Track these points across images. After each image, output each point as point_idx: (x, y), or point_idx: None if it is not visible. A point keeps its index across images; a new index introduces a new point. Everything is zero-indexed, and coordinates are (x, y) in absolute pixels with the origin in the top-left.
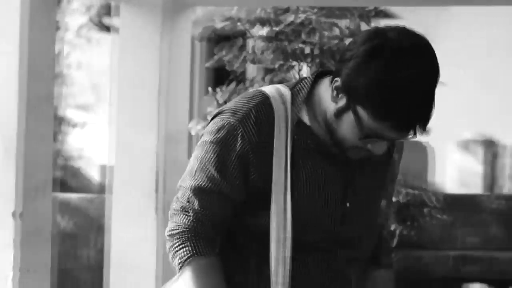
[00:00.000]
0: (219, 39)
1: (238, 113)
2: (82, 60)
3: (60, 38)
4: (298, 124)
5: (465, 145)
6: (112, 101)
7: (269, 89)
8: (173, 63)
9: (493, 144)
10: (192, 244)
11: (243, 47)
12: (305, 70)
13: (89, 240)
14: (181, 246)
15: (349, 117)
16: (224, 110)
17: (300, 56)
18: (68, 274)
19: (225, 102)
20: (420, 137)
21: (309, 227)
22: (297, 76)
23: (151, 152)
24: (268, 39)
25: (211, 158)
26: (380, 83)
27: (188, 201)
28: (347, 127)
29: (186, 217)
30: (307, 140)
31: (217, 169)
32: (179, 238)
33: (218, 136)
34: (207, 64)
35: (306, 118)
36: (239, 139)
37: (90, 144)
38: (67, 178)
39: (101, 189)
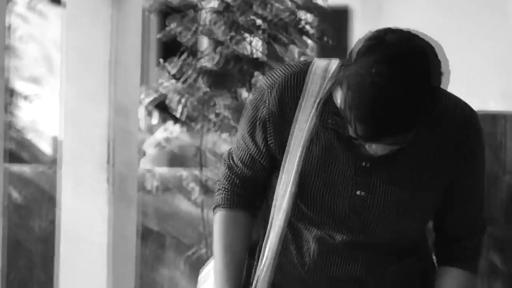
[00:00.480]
0: (171, 11)
1: (271, 78)
2: (34, 33)
3: (10, 11)
4: (326, 102)
5: None
6: (62, 73)
7: (320, 62)
8: (124, 35)
9: None
10: (220, 195)
11: (194, 19)
12: (257, 43)
13: (41, 211)
14: (215, 194)
15: None
16: (267, 73)
17: (251, 29)
18: (20, 245)
19: (175, 75)
20: None
21: (315, 204)
22: (248, 49)
23: (102, 124)
24: (219, 11)
25: (245, 118)
26: (348, 85)
27: (228, 155)
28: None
29: (223, 169)
30: (328, 119)
31: (247, 129)
32: (217, 186)
33: (252, 98)
34: (159, 36)
35: (338, 97)
36: (262, 104)
37: (42, 116)
38: (19, 150)
39: (53, 161)
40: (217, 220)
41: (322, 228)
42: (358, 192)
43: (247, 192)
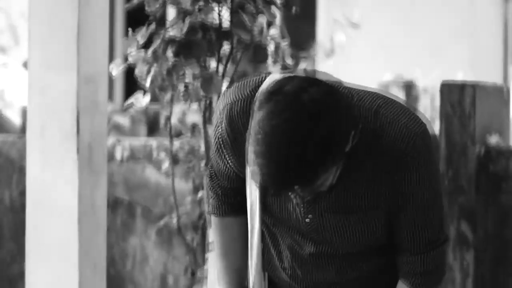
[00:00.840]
0: None
1: (223, 101)
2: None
3: None
4: None
5: (385, 87)
6: (29, 42)
7: (270, 80)
8: (92, 4)
9: (413, 86)
10: (211, 202)
11: None
12: (225, 13)
13: (11, 182)
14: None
15: None
16: (222, 93)
17: None
18: None
19: (145, 45)
20: (337, 79)
21: (278, 220)
22: (216, 18)
23: (70, 94)
24: None
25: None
26: (250, 138)
27: (210, 164)
28: None
29: (206, 178)
30: None
31: (213, 145)
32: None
33: (214, 115)
34: (127, 6)
35: None
36: (219, 125)
37: (11, 86)
38: None
39: (23, 130)
40: (212, 225)
41: (292, 237)
42: (307, 220)
43: (231, 199)
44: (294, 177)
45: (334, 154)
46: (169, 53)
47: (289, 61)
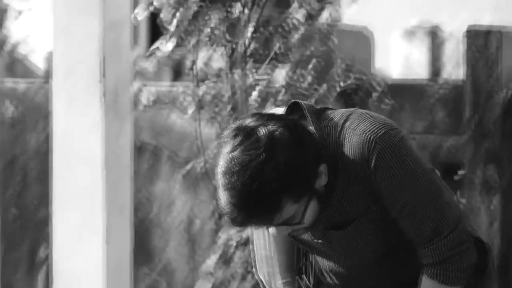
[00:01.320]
0: None
1: None
2: None
3: None
4: None
5: (411, 33)
6: None
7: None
8: None
9: (439, 31)
10: None
11: None
12: None
13: (37, 127)
14: None
15: None
16: None
17: None
18: (15, 161)
19: None
20: (363, 25)
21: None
22: None
23: (95, 39)
24: None
25: None
26: None
27: None
28: None
29: None
30: None
31: None
32: None
33: None
34: None
35: None
36: None
37: (36, 31)
38: (13, 65)
39: (48, 76)
40: None
41: (320, 254)
42: (320, 241)
43: None
44: (249, 207)
45: (289, 187)
46: None
47: (315, 6)
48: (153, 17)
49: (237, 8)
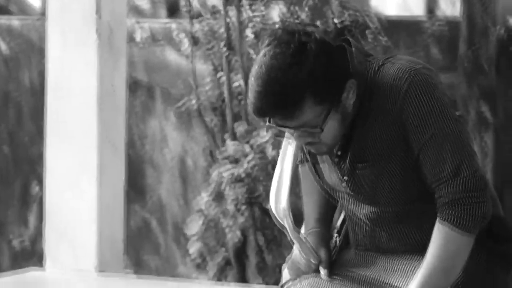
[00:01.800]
0: None
1: None
2: None
3: None
4: None
5: None
6: None
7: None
8: None
9: None
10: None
11: None
12: None
13: (30, 63)
14: None
15: None
16: None
17: None
18: (9, 97)
19: None
20: None
21: (328, 188)
22: None
23: None
24: None
25: None
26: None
27: None
28: None
29: None
30: None
31: None
32: None
33: None
34: None
35: None
36: None
37: None
38: (7, 2)
39: (42, 13)
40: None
41: (347, 207)
42: (345, 178)
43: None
44: (273, 93)
45: (313, 84)
46: None
47: None
48: None
49: None
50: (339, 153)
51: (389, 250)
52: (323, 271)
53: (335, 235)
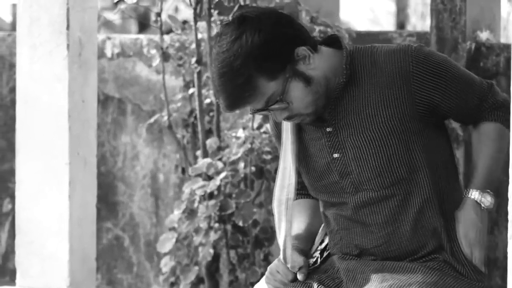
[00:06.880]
0: None
1: None
2: None
3: None
4: None
5: None
6: None
7: None
8: None
9: None
10: None
11: None
12: None
13: (2, 79)
14: None
15: None
16: None
17: None
18: None
19: None
20: None
21: (315, 183)
22: None
23: None
24: None
25: None
26: None
27: None
28: None
29: None
30: None
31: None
32: None
33: None
34: None
35: None
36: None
37: None
38: None
39: (14, 28)
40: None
41: (334, 204)
42: (335, 155)
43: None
44: (228, 88)
45: (256, 62)
46: None
47: None
48: None
49: None
50: (331, 129)
51: (372, 247)
52: (300, 276)
53: (317, 254)
